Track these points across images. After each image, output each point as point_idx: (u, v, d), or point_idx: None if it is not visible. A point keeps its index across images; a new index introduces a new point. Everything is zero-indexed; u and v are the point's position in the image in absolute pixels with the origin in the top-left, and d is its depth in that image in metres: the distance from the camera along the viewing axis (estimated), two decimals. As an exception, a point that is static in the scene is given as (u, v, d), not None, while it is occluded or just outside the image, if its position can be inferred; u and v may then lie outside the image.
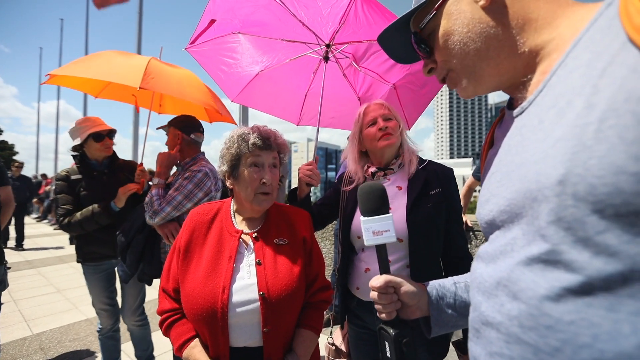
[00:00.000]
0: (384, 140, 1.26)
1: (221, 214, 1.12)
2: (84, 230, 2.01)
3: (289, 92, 2.14)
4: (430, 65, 0.62)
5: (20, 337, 3.11)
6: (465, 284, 0.72)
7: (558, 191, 0.39)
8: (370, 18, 1.67)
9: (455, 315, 0.71)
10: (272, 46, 1.86)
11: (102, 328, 2.18)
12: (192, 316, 0.97)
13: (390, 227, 0.73)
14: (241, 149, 1.05)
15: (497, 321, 0.46)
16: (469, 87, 0.57)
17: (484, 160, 0.65)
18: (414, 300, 0.72)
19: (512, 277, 0.45)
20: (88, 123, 2.14)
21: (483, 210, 0.56)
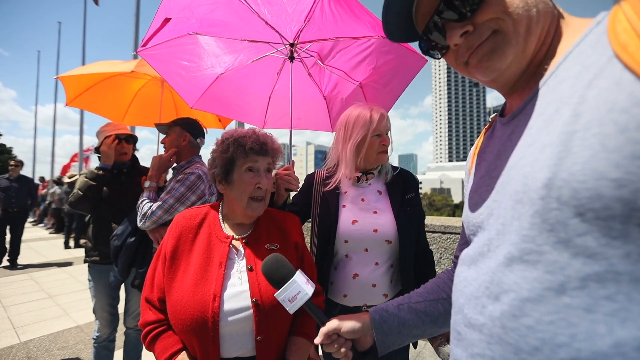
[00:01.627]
0: (383, 154, 1.33)
1: (209, 219, 1.07)
2: (87, 199, 2.02)
3: (253, 94, 2.08)
4: (467, 26, 0.50)
5: (7, 345, 3.01)
6: (408, 306, 0.76)
7: (543, 194, 0.40)
8: (337, 14, 1.61)
9: (400, 336, 0.75)
10: (233, 47, 1.78)
11: (98, 336, 2.10)
12: (179, 327, 0.91)
13: (300, 289, 0.77)
14: (237, 153, 1.02)
15: (480, 323, 0.47)
16: (509, 57, 0.49)
17: (472, 165, 0.66)
18: (359, 334, 0.74)
19: (495, 279, 0.46)
20: (109, 127, 2.22)
21: (472, 213, 0.57)
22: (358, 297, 1.25)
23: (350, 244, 1.25)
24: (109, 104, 2.59)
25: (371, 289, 1.24)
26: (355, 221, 1.26)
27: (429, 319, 0.74)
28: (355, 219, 1.27)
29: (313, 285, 0.80)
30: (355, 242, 1.25)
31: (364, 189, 1.35)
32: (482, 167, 0.59)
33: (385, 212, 1.28)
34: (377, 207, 1.30)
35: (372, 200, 1.32)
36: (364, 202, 1.31)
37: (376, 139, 1.31)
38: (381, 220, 1.26)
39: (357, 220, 1.26)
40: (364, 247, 1.25)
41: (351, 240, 1.25)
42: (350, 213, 1.29)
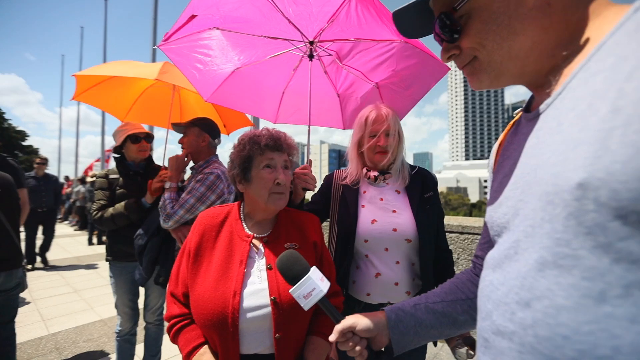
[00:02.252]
0: (379, 155, 1.33)
1: (231, 218, 1.10)
2: (115, 225, 2.06)
3: (266, 89, 2.08)
4: (452, 51, 0.57)
5: (37, 336, 3.17)
6: (425, 306, 0.75)
7: (578, 195, 0.38)
8: (362, 18, 1.62)
9: (417, 336, 0.73)
10: (251, 43, 1.80)
11: (121, 330, 2.19)
12: (201, 321, 0.94)
13: (315, 285, 0.77)
14: (253, 151, 1.05)
15: (510, 330, 0.44)
16: (485, 81, 0.55)
17: (496, 163, 0.64)
18: (374, 332, 0.74)
19: (525, 284, 0.43)
20: (128, 127, 2.27)
21: (496, 213, 0.55)
22: (381, 295, 1.26)
23: (370, 244, 1.26)
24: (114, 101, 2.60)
25: (394, 287, 1.25)
26: (374, 221, 1.27)
27: (447, 319, 0.73)
28: (374, 218, 1.28)
29: (328, 283, 0.81)
30: (375, 241, 1.26)
31: (382, 189, 1.36)
32: (506, 165, 0.57)
33: (404, 211, 1.29)
34: (396, 206, 1.30)
35: (390, 200, 1.32)
36: (383, 201, 1.32)
37: (371, 139, 1.33)
38: (400, 219, 1.27)
39: (376, 219, 1.27)
40: (384, 247, 1.26)
41: (371, 240, 1.26)
42: (369, 213, 1.29)
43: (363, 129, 1.34)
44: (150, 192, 2.07)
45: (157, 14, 8.22)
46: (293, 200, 1.36)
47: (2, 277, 1.93)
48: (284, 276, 0.82)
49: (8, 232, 2.00)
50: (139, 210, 2.07)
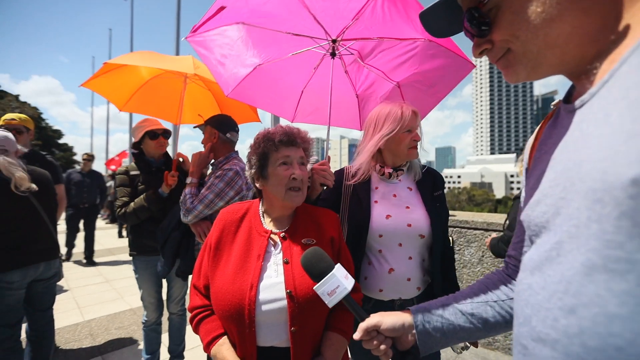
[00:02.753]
0: (413, 150, 1.34)
1: (250, 214, 1.12)
2: (138, 219, 2.13)
3: (286, 87, 2.07)
4: (484, 46, 0.54)
5: (74, 322, 3.39)
6: (453, 307, 0.73)
7: (632, 193, 0.35)
8: (387, 14, 1.58)
9: (444, 337, 0.71)
10: (275, 39, 1.79)
11: (147, 320, 2.30)
12: (220, 313, 0.97)
13: (339, 283, 0.77)
14: (268, 147, 1.06)
15: (552, 338, 0.42)
16: (522, 73, 0.52)
17: (532, 158, 0.61)
18: (400, 332, 0.72)
19: (570, 289, 0.40)
20: (146, 123, 2.33)
21: (533, 212, 0.52)
22: (393, 291, 1.26)
23: (385, 239, 1.26)
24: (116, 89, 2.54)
25: (406, 282, 1.25)
26: (389, 216, 1.27)
27: (477, 321, 0.70)
28: (388, 214, 1.28)
29: (352, 280, 0.80)
30: (390, 236, 1.26)
31: (394, 185, 1.36)
32: (544, 161, 0.53)
33: (418, 207, 1.31)
34: (409, 202, 1.32)
35: (403, 196, 1.33)
36: (396, 197, 1.32)
37: (407, 134, 1.32)
38: (414, 215, 1.28)
39: (390, 215, 1.28)
40: (398, 242, 1.26)
41: (386, 235, 1.26)
42: (383, 208, 1.29)
43: (397, 123, 1.31)
44: (165, 183, 2.13)
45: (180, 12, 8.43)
46: (310, 195, 1.36)
47: (42, 267, 2.07)
48: (308, 273, 0.82)
49: (47, 225, 2.13)
50: (158, 200, 2.13)
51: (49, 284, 2.17)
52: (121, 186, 2.22)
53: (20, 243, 1.97)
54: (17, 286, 1.93)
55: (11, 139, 2.07)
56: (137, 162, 2.30)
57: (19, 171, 1.95)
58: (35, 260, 2.02)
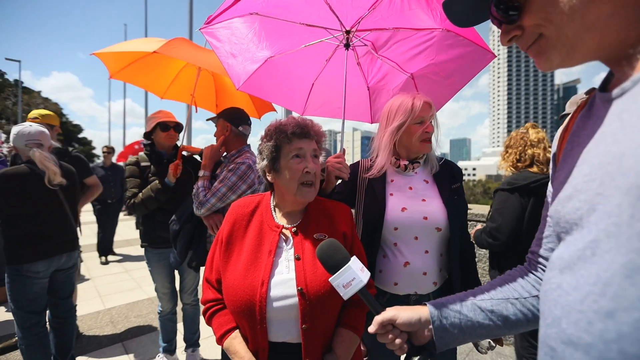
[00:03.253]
0: (425, 143, 1.30)
1: (261, 208, 1.11)
2: (147, 209, 2.17)
3: (297, 80, 2.04)
4: (513, 32, 0.51)
5: (95, 310, 3.53)
6: (472, 303, 0.71)
7: None
8: (406, 4, 1.53)
9: (462, 334, 0.70)
10: (288, 31, 1.75)
11: (162, 310, 2.37)
12: (231, 308, 0.98)
13: (355, 275, 0.77)
14: (280, 140, 1.04)
15: (586, 342, 0.39)
16: (556, 59, 0.48)
17: (562, 151, 0.57)
18: (416, 327, 0.71)
19: (607, 291, 0.38)
20: (160, 114, 2.36)
21: (564, 207, 0.49)
22: (409, 285, 1.24)
23: (400, 232, 1.24)
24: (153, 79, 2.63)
25: (422, 277, 1.23)
26: (404, 209, 1.25)
27: (497, 319, 0.68)
28: (404, 206, 1.26)
29: (368, 273, 0.79)
30: (405, 229, 1.24)
31: (410, 178, 1.33)
32: (576, 154, 0.50)
33: (435, 200, 1.28)
34: (425, 195, 1.29)
35: (419, 189, 1.30)
36: (412, 190, 1.30)
37: (418, 126, 1.29)
38: (431, 207, 1.25)
39: (406, 207, 1.25)
40: (414, 235, 1.24)
41: (401, 228, 1.24)
42: (398, 201, 1.27)
43: (408, 115, 1.28)
44: (171, 172, 2.15)
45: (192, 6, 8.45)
46: (324, 189, 1.35)
47: (64, 257, 2.17)
48: (323, 264, 0.82)
49: (70, 219, 2.23)
50: (165, 190, 2.15)
51: (69, 274, 2.27)
52: (131, 177, 2.24)
53: (48, 235, 2.07)
54: (42, 275, 2.04)
55: (47, 133, 2.17)
56: (148, 153, 2.33)
57: (53, 166, 2.05)
58: (59, 252, 2.12)
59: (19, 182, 1.96)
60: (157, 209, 2.21)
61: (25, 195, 1.97)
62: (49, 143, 2.17)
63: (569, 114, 0.62)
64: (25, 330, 1.99)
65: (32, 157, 2.01)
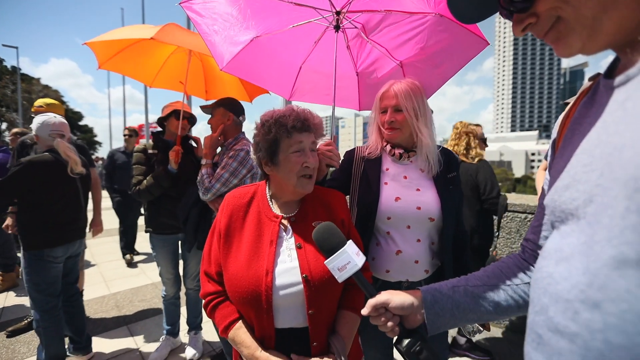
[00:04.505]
0: (388, 132, 1.31)
1: (257, 198, 1.11)
2: (152, 195, 2.22)
3: (284, 62, 1.96)
4: (527, 20, 0.49)
5: (100, 295, 3.61)
6: (464, 288, 0.72)
7: None
8: None
9: (453, 318, 0.71)
10: (276, 9, 1.67)
11: (166, 295, 2.44)
12: (236, 299, 0.98)
13: (350, 259, 0.77)
14: (280, 134, 1.02)
15: (571, 331, 0.40)
16: (576, 43, 0.45)
17: (562, 138, 0.56)
18: (408, 310, 0.72)
19: (595, 282, 0.38)
20: (177, 104, 2.41)
21: (561, 197, 0.48)
22: (400, 272, 1.26)
23: (393, 221, 1.25)
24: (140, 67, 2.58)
25: (414, 265, 1.25)
26: (398, 198, 1.25)
27: (488, 304, 0.69)
28: (398, 196, 1.25)
29: (363, 258, 0.80)
30: (398, 219, 1.24)
31: (405, 167, 1.33)
32: (577, 142, 0.49)
33: (429, 189, 1.28)
34: (420, 184, 1.29)
35: (414, 178, 1.30)
36: (407, 179, 1.29)
37: (383, 115, 1.32)
38: (425, 197, 1.25)
39: (400, 197, 1.25)
40: (406, 224, 1.24)
41: (394, 217, 1.24)
42: (392, 190, 1.27)
43: (377, 105, 1.35)
44: (172, 158, 2.19)
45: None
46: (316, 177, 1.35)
47: (77, 244, 2.29)
48: (319, 247, 0.83)
49: (83, 207, 2.35)
50: (167, 177, 2.19)
51: (77, 260, 2.39)
52: (137, 164, 2.28)
53: (67, 221, 2.19)
54: (60, 260, 2.16)
55: (67, 125, 2.28)
56: (156, 141, 2.35)
57: (75, 155, 2.17)
58: (75, 238, 2.25)
59: (45, 170, 2.06)
60: (162, 196, 2.25)
61: (49, 183, 2.08)
62: (69, 134, 2.28)
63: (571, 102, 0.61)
64: (44, 313, 2.10)
65: (56, 147, 2.12)
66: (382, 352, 1.36)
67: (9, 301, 3.45)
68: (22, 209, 2.08)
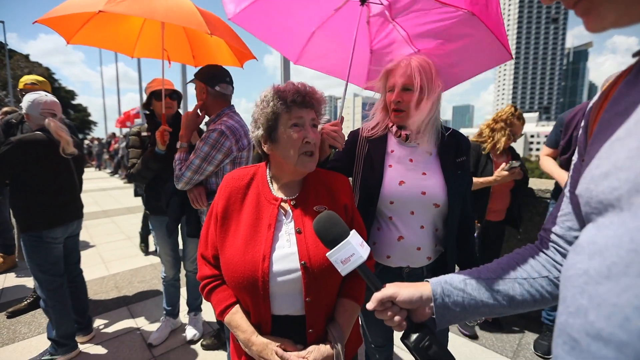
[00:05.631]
0: (394, 114, 1.25)
1: (257, 180, 1.06)
2: (144, 178, 2.17)
3: (298, 23, 1.80)
4: None
5: (100, 276, 3.62)
6: (477, 281, 0.68)
7: None
8: None
9: (464, 312, 0.68)
10: None
11: (165, 276, 2.43)
12: (232, 284, 0.96)
13: (354, 250, 0.73)
14: (278, 107, 0.96)
15: (620, 340, 0.35)
16: (610, 15, 0.40)
17: (597, 120, 0.51)
18: (417, 304, 0.69)
19: None
20: (153, 84, 2.27)
21: (598, 186, 0.43)
22: (401, 259, 1.22)
23: (396, 206, 1.20)
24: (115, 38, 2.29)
25: (415, 252, 1.21)
26: (402, 182, 1.19)
27: (503, 298, 0.65)
28: (402, 179, 1.20)
29: (368, 248, 0.76)
30: (401, 204, 1.19)
31: (412, 149, 1.25)
32: (617, 124, 0.44)
33: (435, 174, 1.22)
34: (426, 168, 1.23)
35: (420, 161, 1.23)
36: (412, 162, 1.23)
37: (389, 94, 1.25)
38: (430, 182, 1.19)
39: (404, 181, 1.19)
40: (410, 210, 1.20)
41: (397, 202, 1.19)
42: (397, 173, 1.21)
43: (383, 81, 1.27)
44: (158, 140, 2.05)
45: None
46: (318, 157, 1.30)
47: (75, 224, 2.29)
48: (320, 239, 0.79)
49: (78, 188, 2.33)
50: (155, 159, 2.08)
51: (76, 240, 2.40)
52: (132, 147, 2.23)
53: (64, 202, 2.17)
54: (59, 241, 2.16)
55: (58, 103, 2.20)
56: (149, 122, 2.28)
57: (67, 135, 2.11)
58: (73, 218, 2.25)
59: (36, 149, 2.01)
60: (156, 178, 2.19)
61: (42, 162, 2.03)
62: (60, 114, 2.21)
63: None
64: (51, 292, 2.12)
65: (47, 127, 2.06)
66: (383, 337, 1.36)
67: (8, 282, 3.47)
68: (16, 191, 2.04)
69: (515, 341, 2.41)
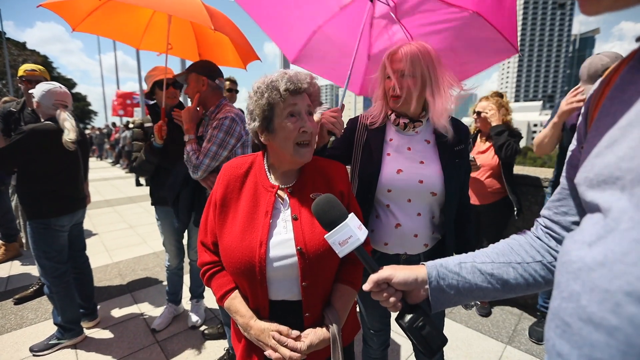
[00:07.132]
0: (392, 100, 1.25)
1: (255, 168, 1.07)
2: (145, 171, 2.19)
3: (300, 18, 1.75)
4: None
5: (104, 264, 3.68)
6: (472, 265, 0.69)
7: None
8: None
9: (458, 295, 0.69)
10: None
11: (169, 265, 2.48)
12: (230, 269, 0.98)
13: (352, 233, 0.74)
14: (273, 97, 0.95)
15: (611, 324, 0.36)
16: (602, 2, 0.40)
17: (598, 108, 0.50)
18: (412, 286, 0.70)
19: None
20: (155, 72, 2.24)
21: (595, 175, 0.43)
22: (399, 246, 1.24)
23: (393, 194, 1.21)
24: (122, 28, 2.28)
25: (413, 239, 1.23)
26: (400, 171, 1.20)
27: (497, 282, 0.67)
28: (400, 168, 1.21)
29: (366, 231, 0.77)
30: (399, 192, 1.21)
31: (410, 137, 1.26)
32: (619, 113, 0.43)
33: (433, 162, 1.22)
34: (424, 156, 1.24)
35: (418, 150, 1.24)
36: (410, 151, 1.23)
37: (388, 80, 1.24)
38: (428, 171, 1.20)
39: (402, 169, 1.20)
40: (407, 198, 1.21)
41: (394, 190, 1.21)
42: (394, 162, 1.22)
43: (383, 68, 1.25)
44: (156, 134, 2.06)
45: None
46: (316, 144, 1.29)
47: (79, 213, 2.35)
48: (319, 220, 0.80)
49: (83, 178, 2.38)
50: (152, 152, 2.10)
51: (80, 228, 2.45)
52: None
53: (70, 191, 2.22)
54: (65, 229, 2.22)
55: (70, 95, 2.24)
56: (151, 113, 2.27)
57: (72, 127, 2.14)
58: (78, 207, 2.30)
59: (48, 138, 2.04)
60: (160, 170, 2.21)
61: (52, 151, 2.07)
62: (71, 105, 2.24)
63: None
64: (55, 279, 2.18)
65: (57, 117, 2.09)
66: (381, 322, 1.39)
67: (14, 270, 3.53)
68: (24, 179, 2.07)
69: (511, 327, 2.45)
